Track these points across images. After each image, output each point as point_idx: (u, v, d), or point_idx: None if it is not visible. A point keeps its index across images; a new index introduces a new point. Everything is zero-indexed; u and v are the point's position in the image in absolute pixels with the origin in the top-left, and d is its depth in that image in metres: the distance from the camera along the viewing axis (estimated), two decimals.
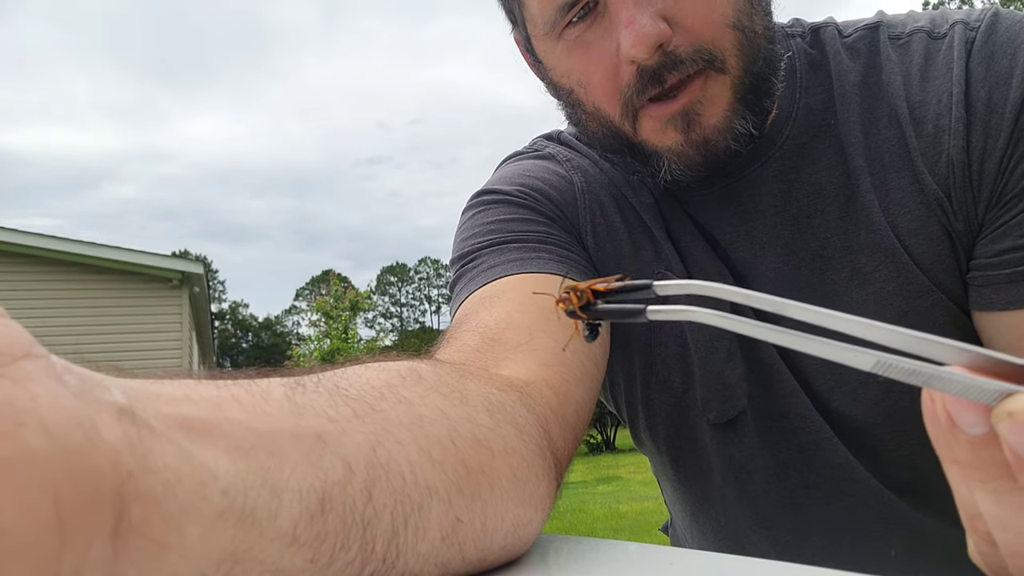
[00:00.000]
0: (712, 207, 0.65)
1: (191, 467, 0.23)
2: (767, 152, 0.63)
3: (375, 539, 0.29)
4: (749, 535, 0.70)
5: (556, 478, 0.44)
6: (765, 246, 0.63)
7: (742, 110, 0.57)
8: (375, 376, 0.36)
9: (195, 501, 0.22)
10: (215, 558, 0.23)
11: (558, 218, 0.68)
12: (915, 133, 0.58)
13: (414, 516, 0.31)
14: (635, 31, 0.53)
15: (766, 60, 0.58)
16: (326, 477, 0.28)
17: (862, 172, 0.60)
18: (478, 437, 0.37)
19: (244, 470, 0.25)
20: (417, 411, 0.35)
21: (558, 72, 0.62)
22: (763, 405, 0.65)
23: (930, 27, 0.61)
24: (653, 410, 0.71)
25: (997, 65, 0.56)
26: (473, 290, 0.60)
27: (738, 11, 0.55)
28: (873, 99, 0.61)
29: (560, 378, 0.50)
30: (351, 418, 0.31)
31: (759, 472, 0.68)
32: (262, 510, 0.25)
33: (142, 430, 0.22)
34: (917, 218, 0.59)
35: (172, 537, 0.21)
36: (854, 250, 0.61)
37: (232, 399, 0.27)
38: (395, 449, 0.32)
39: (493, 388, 0.42)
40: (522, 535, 0.38)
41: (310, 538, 0.26)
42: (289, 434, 0.28)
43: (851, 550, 0.66)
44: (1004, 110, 0.54)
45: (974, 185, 0.56)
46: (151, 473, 0.21)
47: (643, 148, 0.60)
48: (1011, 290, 0.55)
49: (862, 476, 0.64)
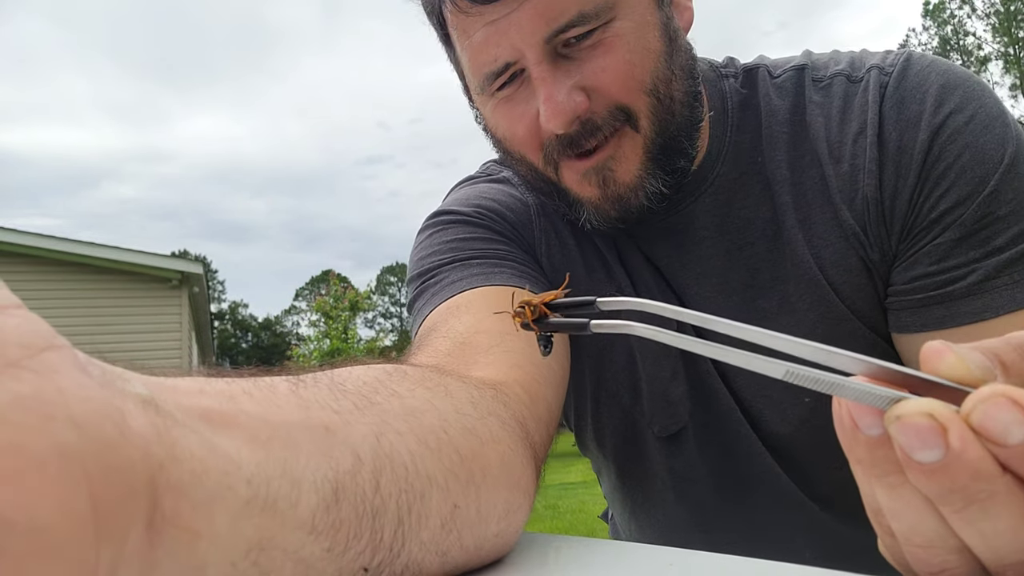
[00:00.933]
0: (653, 238, 0.69)
1: (215, 457, 0.23)
2: (700, 188, 0.67)
3: (383, 528, 0.30)
4: (686, 535, 0.76)
5: (536, 469, 0.46)
6: (700, 276, 0.67)
7: (654, 170, 0.61)
8: (364, 373, 0.38)
9: (221, 491, 0.23)
10: (243, 546, 0.23)
11: (515, 238, 0.71)
12: (834, 172, 0.63)
13: (417, 504, 0.32)
14: (551, 106, 0.57)
15: (681, 125, 0.62)
16: (338, 467, 0.29)
17: (788, 208, 0.64)
18: (467, 427, 0.38)
19: (264, 460, 0.25)
20: (409, 403, 0.36)
21: (489, 123, 0.66)
22: (703, 421, 0.70)
23: (849, 71, 0.65)
24: (602, 421, 0.76)
25: (907, 110, 0.60)
26: (438, 304, 0.62)
27: (655, 78, 0.59)
28: (798, 138, 0.65)
29: (531, 379, 0.52)
30: (352, 410, 0.32)
31: (699, 482, 0.73)
32: (283, 500, 0.25)
33: (167, 420, 0.22)
34: (838, 251, 0.63)
35: (203, 525, 0.22)
36: (782, 280, 0.65)
37: (243, 392, 0.28)
38: (396, 440, 0.33)
39: (471, 386, 0.44)
40: (513, 521, 0.40)
41: (326, 527, 0.27)
42: (300, 426, 0.28)
43: (773, 552, 0.69)
44: (913, 151, 0.59)
45: (887, 220, 0.61)
46: (179, 463, 0.21)
47: (567, 194, 0.64)
48: (923, 314, 0.60)
49: (789, 488, 0.69)
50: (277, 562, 0.25)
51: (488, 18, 0.57)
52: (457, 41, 0.62)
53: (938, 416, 0.22)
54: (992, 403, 0.22)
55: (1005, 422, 0.21)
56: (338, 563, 0.27)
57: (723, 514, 0.74)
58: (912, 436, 0.22)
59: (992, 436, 0.22)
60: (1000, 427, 0.21)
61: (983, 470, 0.22)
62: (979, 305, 0.57)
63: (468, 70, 0.62)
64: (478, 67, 0.60)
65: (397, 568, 0.31)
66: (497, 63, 0.59)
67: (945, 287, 0.58)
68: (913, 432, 0.22)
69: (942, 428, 0.22)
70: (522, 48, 0.57)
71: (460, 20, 0.59)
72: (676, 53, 0.61)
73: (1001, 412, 0.21)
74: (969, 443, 0.22)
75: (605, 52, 0.57)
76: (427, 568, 0.33)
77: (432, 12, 0.63)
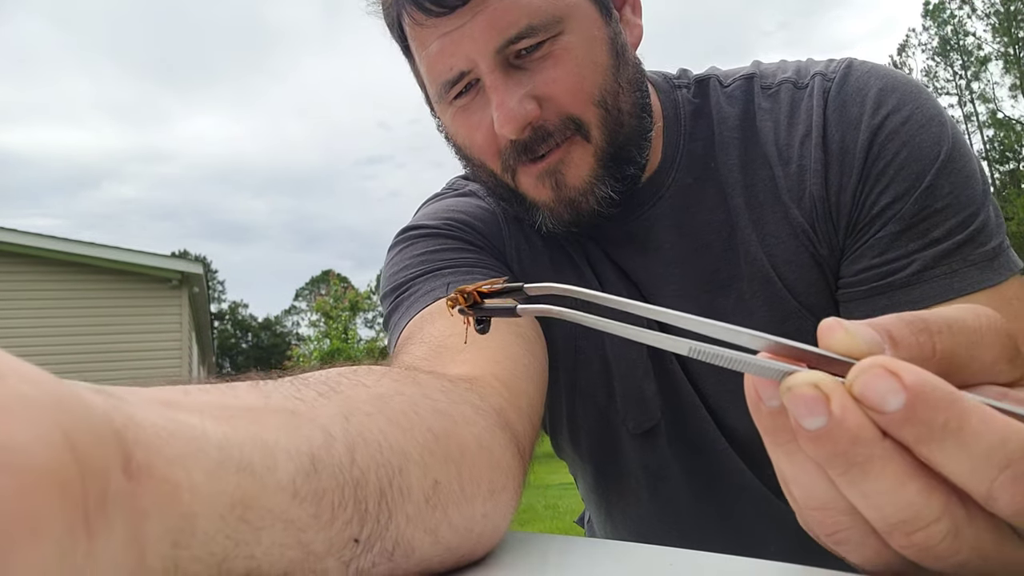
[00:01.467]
0: (616, 243, 0.72)
1: (178, 426, 0.23)
2: (658, 194, 0.70)
3: (367, 498, 0.30)
4: (658, 531, 0.79)
5: (519, 454, 0.46)
6: (662, 278, 0.70)
7: (604, 176, 0.64)
8: (328, 371, 0.38)
9: (191, 451, 0.23)
10: (226, 501, 0.23)
11: (485, 246, 0.73)
12: (783, 173, 0.66)
13: (396, 478, 0.32)
14: (503, 113, 0.60)
15: (630, 135, 0.65)
16: (310, 441, 0.29)
17: (741, 209, 0.68)
18: (438, 409, 0.39)
19: (230, 432, 0.25)
20: (376, 391, 0.37)
21: (449, 131, 0.69)
22: (672, 418, 0.73)
23: (795, 78, 0.68)
24: (577, 422, 0.78)
25: (848, 112, 0.64)
26: (413, 315, 0.64)
27: (603, 91, 0.62)
28: (749, 143, 0.68)
29: (509, 373, 0.53)
30: (317, 397, 0.33)
31: (670, 478, 0.76)
32: (259, 464, 0.25)
33: (120, 402, 0.22)
34: (789, 248, 0.66)
35: (180, 477, 0.22)
36: (737, 278, 0.68)
37: (197, 390, 0.28)
38: (365, 419, 0.33)
39: (444, 380, 0.45)
40: (499, 501, 0.40)
41: (309, 493, 0.27)
42: (264, 409, 0.29)
43: (738, 545, 0.75)
44: (855, 151, 0.63)
45: (833, 216, 0.64)
46: (142, 428, 0.21)
47: (524, 198, 0.67)
48: (869, 304, 0.63)
49: (753, 484, 0.72)
50: (266, 520, 0.25)
51: (443, 30, 0.60)
52: (416, 52, 0.65)
53: (822, 386, 0.24)
54: (871, 374, 0.23)
55: (882, 391, 0.23)
56: (327, 532, 0.27)
57: (694, 510, 0.76)
58: (799, 405, 0.24)
59: (871, 404, 0.23)
60: (878, 396, 0.23)
61: (862, 436, 0.24)
62: (918, 294, 0.60)
63: (426, 79, 0.66)
64: (435, 76, 0.63)
65: (388, 543, 0.31)
66: (452, 72, 0.62)
67: (887, 278, 0.62)
68: (800, 401, 0.24)
69: (826, 397, 0.24)
70: (475, 58, 0.60)
71: (417, 32, 0.63)
72: (624, 67, 0.64)
73: (879, 382, 0.23)
74: (849, 410, 0.24)
75: (554, 64, 0.60)
76: (420, 547, 0.33)
77: (392, 25, 0.66)
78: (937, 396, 0.23)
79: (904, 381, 0.23)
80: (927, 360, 0.25)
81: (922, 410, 0.23)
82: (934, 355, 0.26)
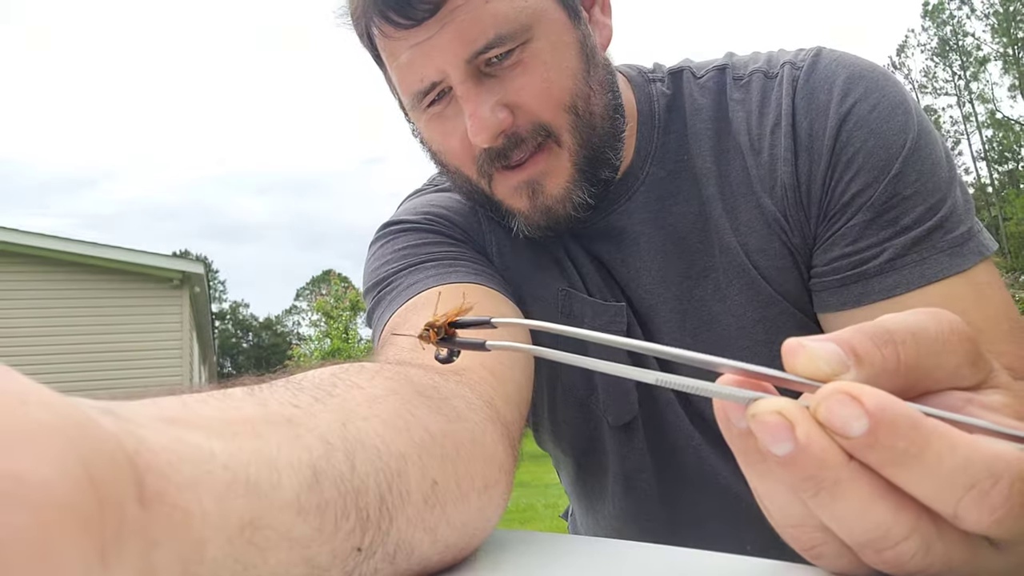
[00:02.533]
0: (595, 238, 0.72)
1: (187, 448, 0.23)
2: (633, 188, 0.70)
3: (368, 506, 0.30)
4: (632, 527, 0.79)
5: (510, 446, 0.46)
6: (641, 271, 0.71)
7: (581, 182, 0.64)
8: (321, 372, 0.38)
9: (201, 474, 0.23)
10: (236, 523, 0.23)
11: (466, 240, 0.74)
12: (755, 163, 0.66)
13: (396, 482, 0.32)
14: (476, 122, 0.60)
15: (602, 137, 0.65)
16: (310, 452, 0.29)
17: (715, 200, 0.68)
18: (431, 407, 0.39)
19: (235, 450, 0.25)
20: (369, 392, 0.37)
21: (424, 137, 0.69)
22: (648, 412, 0.73)
23: (766, 68, 0.68)
24: (559, 417, 0.78)
25: (816, 100, 0.64)
26: (396, 308, 0.63)
27: (574, 95, 0.62)
28: (722, 133, 0.69)
29: (496, 361, 0.54)
30: (312, 403, 0.32)
31: (645, 471, 0.75)
32: (265, 482, 0.25)
33: (129, 423, 0.22)
34: (762, 237, 0.66)
35: (191, 503, 0.22)
36: (713, 268, 0.68)
37: (196, 401, 0.28)
38: (362, 424, 0.33)
39: (433, 372, 0.45)
40: (493, 496, 0.40)
41: (312, 507, 0.27)
42: (262, 420, 0.29)
43: (713, 543, 0.70)
44: (824, 139, 0.63)
45: (804, 204, 0.64)
46: (153, 453, 0.21)
47: (500, 204, 0.67)
48: (842, 293, 0.63)
49: (725, 480, 0.72)
50: (272, 541, 0.25)
51: (412, 41, 0.60)
52: (387, 62, 0.65)
53: (785, 413, 0.24)
54: (834, 400, 0.24)
55: (845, 416, 0.23)
56: (331, 544, 0.28)
57: (667, 506, 0.76)
58: (764, 432, 0.25)
59: (835, 430, 0.24)
60: (841, 421, 0.24)
61: (828, 460, 0.24)
62: (891, 282, 0.60)
63: (399, 89, 0.66)
64: (407, 87, 0.64)
65: (389, 547, 0.31)
66: (424, 83, 0.62)
67: (860, 266, 0.62)
68: (764, 428, 0.25)
69: (790, 424, 0.24)
70: (445, 68, 0.60)
71: (387, 44, 0.63)
72: (594, 69, 0.64)
73: (842, 408, 0.24)
74: (814, 437, 0.24)
75: (524, 71, 0.61)
76: (419, 547, 0.33)
77: (362, 35, 0.67)
78: (898, 421, 0.23)
79: (866, 406, 0.23)
80: (892, 373, 0.26)
81: (884, 435, 0.23)
82: (899, 367, 0.26)
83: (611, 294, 0.72)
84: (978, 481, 0.23)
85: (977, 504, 0.23)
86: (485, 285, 0.65)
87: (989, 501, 0.23)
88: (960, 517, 0.24)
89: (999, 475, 0.23)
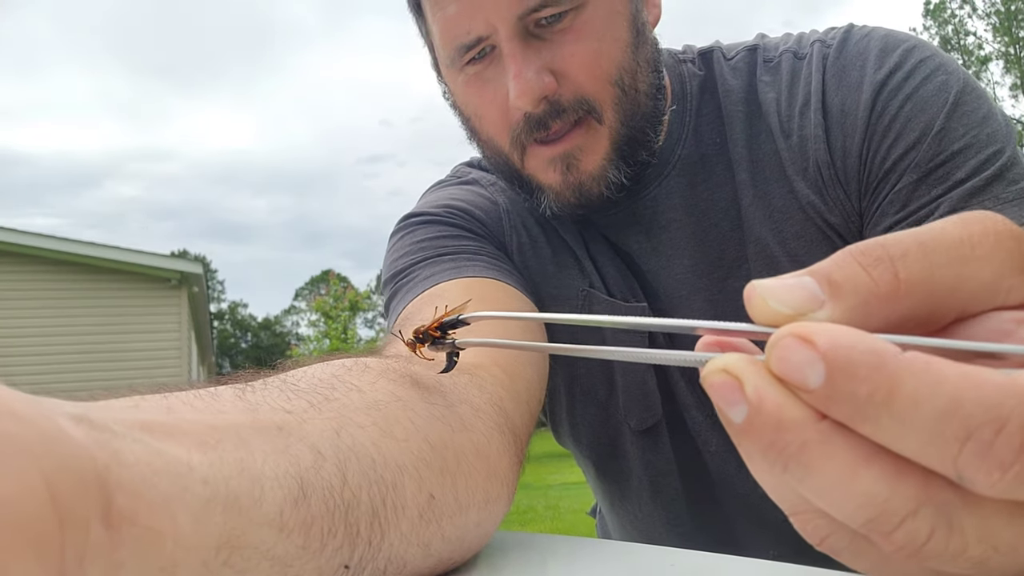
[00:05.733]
0: (621, 226, 0.70)
1: (164, 461, 0.22)
2: (664, 172, 0.68)
3: (358, 521, 0.29)
4: (659, 530, 0.77)
5: (517, 454, 0.45)
6: (671, 259, 0.68)
7: (617, 160, 0.62)
8: (321, 370, 0.37)
9: (178, 491, 0.22)
10: (212, 545, 0.22)
11: (486, 235, 0.72)
12: (786, 146, 0.64)
13: (390, 495, 0.31)
14: (520, 84, 0.58)
15: (645, 116, 0.63)
16: (298, 463, 0.27)
17: (747, 185, 0.66)
18: (435, 415, 0.37)
19: (217, 461, 0.24)
20: (370, 396, 0.35)
21: (458, 100, 0.66)
22: (672, 416, 0.72)
23: (796, 48, 0.67)
24: (577, 419, 0.76)
25: (848, 77, 0.62)
26: (412, 299, 0.62)
27: (621, 69, 0.60)
28: (753, 116, 0.67)
29: (508, 358, 0.52)
30: (307, 408, 0.31)
31: (671, 475, 0.74)
32: (246, 497, 0.24)
33: (104, 433, 0.21)
34: (797, 222, 0.64)
35: (164, 524, 0.21)
36: (745, 259, 0.66)
37: (182, 403, 0.27)
38: (358, 432, 0.32)
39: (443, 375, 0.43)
40: (493, 511, 0.39)
41: (297, 524, 0.26)
42: (250, 427, 0.27)
43: (738, 549, 0.72)
44: (857, 112, 0.61)
45: (841, 180, 0.62)
46: (127, 467, 0.20)
47: (529, 181, 0.65)
48: None
49: (747, 486, 0.69)
50: (252, 561, 0.24)
51: None
52: (429, 12, 0.62)
53: (731, 369, 0.19)
54: (782, 346, 0.18)
55: (798, 363, 0.18)
56: (316, 561, 0.27)
57: (693, 511, 0.75)
58: (715, 395, 0.19)
59: (792, 381, 0.18)
60: (795, 370, 0.18)
61: (786, 419, 0.18)
62: None
63: (439, 42, 0.63)
64: (450, 39, 0.61)
65: (380, 563, 0.30)
66: (470, 36, 0.59)
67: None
68: (714, 391, 0.19)
69: (738, 381, 0.19)
70: (495, 23, 0.58)
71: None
72: (642, 46, 0.63)
73: (792, 354, 0.18)
74: (765, 392, 0.19)
75: (575, 39, 0.59)
76: (411, 562, 0.32)
77: None
78: (855, 359, 0.17)
79: (819, 347, 0.18)
80: (889, 298, 0.20)
81: (840, 380, 0.18)
82: (898, 289, 0.20)
83: (632, 294, 0.70)
84: (975, 428, 0.17)
85: (980, 459, 0.17)
86: (502, 280, 0.63)
87: (995, 454, 0.17)
88: (967, 479, 0.17)
89: (1004, 418, 0.16)
